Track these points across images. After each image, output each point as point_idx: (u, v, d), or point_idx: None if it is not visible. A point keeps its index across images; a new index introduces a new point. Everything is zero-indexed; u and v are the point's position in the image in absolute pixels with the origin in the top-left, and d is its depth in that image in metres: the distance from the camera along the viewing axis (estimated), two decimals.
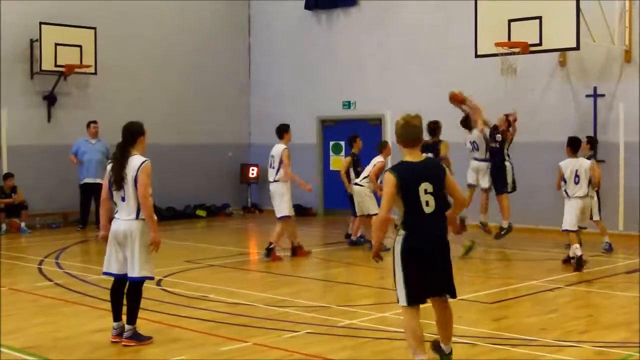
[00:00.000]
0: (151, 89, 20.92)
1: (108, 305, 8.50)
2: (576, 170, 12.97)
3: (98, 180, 17.87)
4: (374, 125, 20.40)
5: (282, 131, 14.36)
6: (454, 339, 8.03)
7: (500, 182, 15.15)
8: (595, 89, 16.83)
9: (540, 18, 15.16)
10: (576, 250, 12.55)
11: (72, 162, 18.31)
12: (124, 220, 8.01)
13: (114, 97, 19.95)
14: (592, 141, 15.14)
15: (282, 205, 13.88)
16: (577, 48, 15.18)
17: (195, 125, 21.73)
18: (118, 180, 7.96)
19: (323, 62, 21.54)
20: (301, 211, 20.93)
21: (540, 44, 15.25)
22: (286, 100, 22.21)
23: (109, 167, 8.13)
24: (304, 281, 12.08)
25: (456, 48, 18.24)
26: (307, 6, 21.71)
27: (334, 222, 19.38)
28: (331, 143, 21.58)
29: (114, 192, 8.05)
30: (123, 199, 8.01)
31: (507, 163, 15.12)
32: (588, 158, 14.56)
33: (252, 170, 22.87)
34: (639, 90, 16.32)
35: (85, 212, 18.38)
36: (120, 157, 8.01)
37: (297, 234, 14.34)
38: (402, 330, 8.18)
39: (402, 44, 19.86)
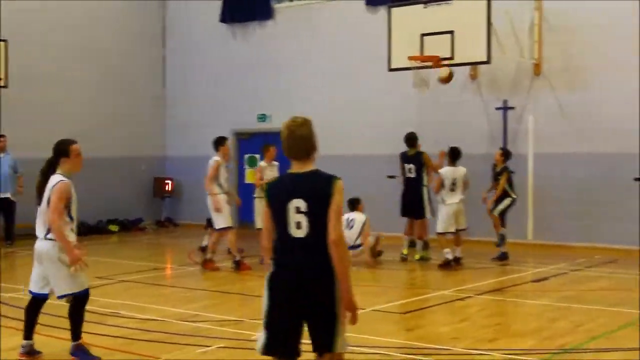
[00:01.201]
0: (64, 102, 20.52)
1: (16, 324, 8.28)
2: (454, 179, 14.27)
3: (7, 195, 17.50)
4: None
5: (217, 144, 14.37)
6: (367, 350, 8.10)
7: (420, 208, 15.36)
8: (505, 101, 17.19)
9: (452, 32, 15.42)
10: (448, 254, 13.87)
11: None
12: (38, 239, 7.94)
13: (26, 110, 19.48)
14: (506, 153, 15.42)
15: (218, 218, 14.00)
16: (488, 62, 15.48)
17: (109, 138, 21.41)
18: (38, 196, 7.92)
19: (239, 75, 21.50)
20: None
21: (452, 58, 15.51)
22: (201, 112, 22.09)
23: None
24: (217, 295, 11.99)
25: (371, 62, 18.43)
26: (223, 19, 21.65)
27: (249, 235, 19.27)
28: (246, 156, 21.51)
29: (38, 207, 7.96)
30: (38, 216, 7.94)
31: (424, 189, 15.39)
32: (501, 170, 14.93)
33: (167, 183, 22.65)
34: (548, 103, 16.74)
35: None
36: (42, 173, 7.99)
37: (217, 248, 14.34)
38: None
39: (318, 58, 19.97)
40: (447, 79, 15.75)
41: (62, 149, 8.08)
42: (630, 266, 14.17)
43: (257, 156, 20.97)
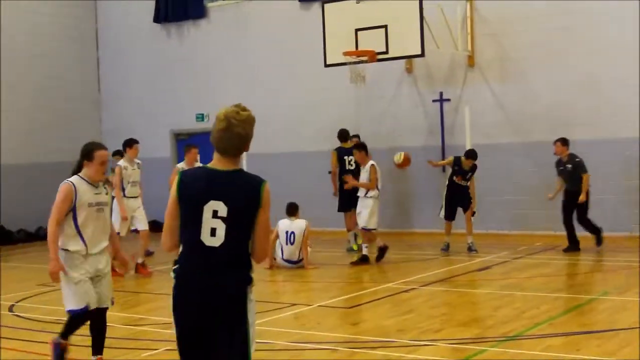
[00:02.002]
0: None
1: None
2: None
3: None
4: None
5: (124, 145, 14.56)
6: (313, 345, 8.15)
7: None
8: (441, 94, 17.38)
9: (385, 27, 15.55)
10: (365, 248, 14.00)
11: None
12: None
13: None
14: (565, 141, 15.05)
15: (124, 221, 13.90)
16: (423, 55, 15.66)
17: (46, 143, 21.11)
18: None
19: (175, 75, 21.36)
20: (159, 227, 20.67)
21: (387, 52, 15.64)
22: (138, 113, 21.90)
23: None
24: (161, 297, 11.89)
25: (307, 58, 18.48)
26: (156, 19, 21.49)
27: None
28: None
29: None
30: None
31: None
32: (576, 165, 14.90)
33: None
34: (482, 94, 16.97)
35: None
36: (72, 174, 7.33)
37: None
38: (264, 341, 8.20)
39: (253, 55, 19.94)
40: (404, 164, 14.73)
41: (86, 152, 7.27)
42: (570, 252, 14.43)
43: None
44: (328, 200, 16.66)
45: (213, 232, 4.49)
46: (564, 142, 14.53)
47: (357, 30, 15.84)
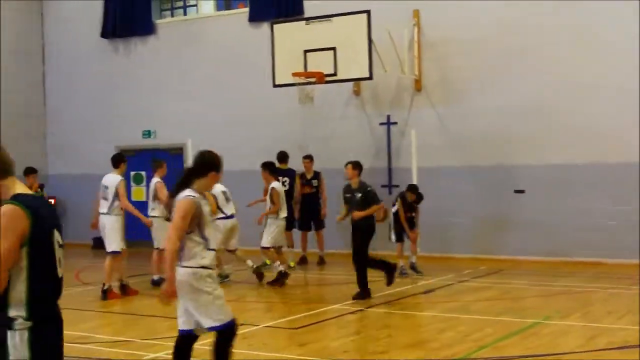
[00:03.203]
0: None
1: None
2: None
3: None
4: (175, 154, 20.25)
5: (118, 161, 13.60)
6: None
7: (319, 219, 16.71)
8: (388, 117, 17.55)
9: (334, 49, 15.67)
10: (280, 266, 13.92)
11: None
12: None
13: None
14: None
15: (113, 240, 13.17)
16: (370, 78, 15.81)
17: None
18: (168, 212, 6.88)
19: (122, 91, 21.23)
20: (101, 244, 20.42)
21: (335, 74, 15.76)
22: (85, 129, 21.71)
23: None
24: (105, 315, 11.79)
25: (255, 77, 18.51)
26: (104, 34, 21.34)
27: (136, 254, 18.99)
28: (132, 173, 21.21)
29: None
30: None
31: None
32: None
33: (49, 202, 22.05)
34: (428, 118, 17.16)
35: None
36: (177, 185, 6.80)
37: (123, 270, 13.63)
38: None
39: (201, 73, 19.94)
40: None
41: (213, 162, 6.88)
42: (514, 276, 14.62)
43: (143, 173, 20.72)
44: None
45: (60, 262, 4.30)
46: (356, 165, 12.85)
47: (306, 51, 15.95)
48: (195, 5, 21.21)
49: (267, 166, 14.34)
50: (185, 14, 21.22)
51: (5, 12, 21.64)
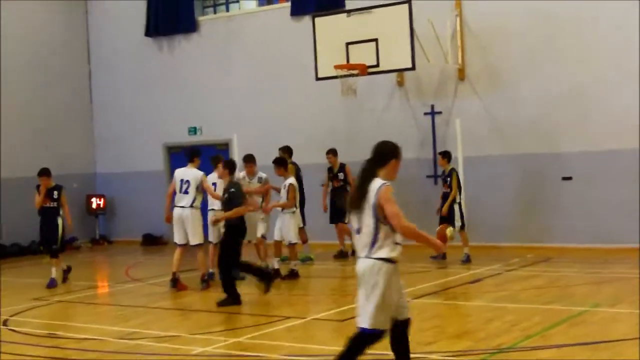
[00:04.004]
0: None
1: None
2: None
3: None
4: (221, 149, 20.37)
5: (194, 155, 13.74)
6: (306, 359, 8.19)
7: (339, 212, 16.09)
8: (432, 107, 17.46)
9: (376, 40, 15.64)
10: (275, 263, 14.04)
11: None
12: (359, 258, 6.65)
13: None
14: (447, 155, 15.65)
15: (197, 232, 13.37)
16: (413, 68, 15.75)
17: (38, 156, 21.01)
18: (353, 204, 6.61)
19: (167, 89, 21.41)
20: (152, 240, 20.73)
21: (377, 65, 15.73)
22: (131, 127, 21.94)
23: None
24: (155, 311, 11.92)
25: (297, 71, 18.57)
26: (147, 33, 21.54)
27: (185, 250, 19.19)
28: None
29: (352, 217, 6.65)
30: (358, 231, 6.64)
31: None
32: (449, 172, 15.22)
33: (99, 201, 22.39)
34: (473, 106, 17.04)
35: None
36: (363, 180, 6.66)
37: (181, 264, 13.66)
38: (256, 354, 8.27)
39: (245, 68, 20.02)
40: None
41: (394, 150, 6.94)
42: (562, 264, 14.50)
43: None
44: (319, 212, 16.82)
45: None
46: (226, 164, 12.35)
47: (347, 43, 15.94)
48: (238, 2, 21.30)
49: (282, 162, 14.09)
50: (227, 10, 21.31)
51: (51, 12, 22.00)
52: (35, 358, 8.94)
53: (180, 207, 13.35)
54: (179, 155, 21.38)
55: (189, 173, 13.45)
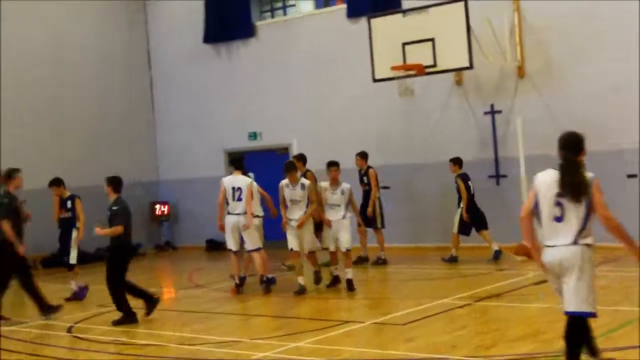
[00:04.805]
0: (54, 132, 20.53)
1: (17, 357, 8.19)
2: None
3: None
4: (281, 154, 20.43)
5: (240, 161, 13.89)
6: None
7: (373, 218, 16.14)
8: (492, 106, 17.23)
9: (433, 40, 15.52)
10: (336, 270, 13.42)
11: None
12: (558, 246, 6.79)
13: (17, 142, 19.46)
14: (457, 161, 15.89)
15: (255, 237, 13.43)
16: (471, 67, 15.59)
17: (101, 165, 21.31)
18: (575, 194, 6.80)
19: (226, 94, 21.54)
20: (216, 246, 20.84)
21: (435, 65, 15.61)
22: (192, 134, 22.12)
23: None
24: (216, 317, 11.98)
25: (355, 73, 18.51)
26: (206, 39, 21.72)
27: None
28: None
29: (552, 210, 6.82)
30: (559, 219, 6.79)
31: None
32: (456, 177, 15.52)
33: (162, 207, 22.64)
34: (534, 104, 16.78)
35: None
36: (572, 169, 6.90)
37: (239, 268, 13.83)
38: (314, 358, 8.24)
39: (302, 72, 20.04)
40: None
41: (583, 140, 7.13)
42: (631, 264, 14.11)
43: (251, 175, 20.97)
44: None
45: None
46: (110, 182, 12.25)
47: (404, 44, 15.85)
48: (294, 5, 21.35)
49: (294, 166, 13.50)
50: (284, 14, 21.38)
51: (112, 22, 22.32)
52: None
53: (236, 214, 13.36)
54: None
55: (239, 180, 13.49)
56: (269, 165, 18.92)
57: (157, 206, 22.75)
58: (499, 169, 17.14)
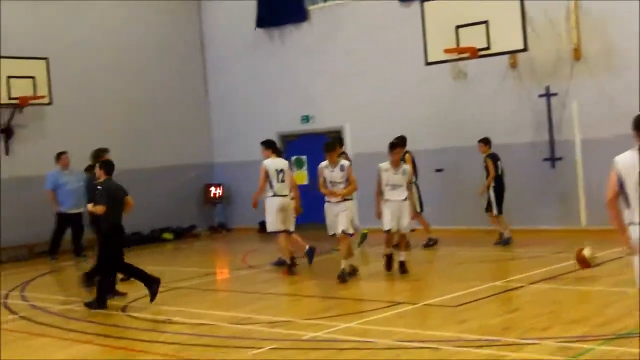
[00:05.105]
0: (108, 115, 20.83)
1: (74, 335, 8.40)
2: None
3: (81, 210, 17.77)
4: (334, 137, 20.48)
5: (275, 144, 14.59)
6: (418, 344, 8.14)
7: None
8: (547, 88, 17.01)
9: (486, 22, 15.35)
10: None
11: (51, 199, 17.89)
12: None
13: (71, 127, 19.86)
14: (487, 141, 15.90)
15: (293, 219, 14.16)
16: (525, 49, 15.38)
17: (156, 148, 21.71)
18: None
19: (279, 78, 21.60)
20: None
21: (488, 48, 15.44)
22: (246, 117, 22.24)
23: None
24: (268, 297, 12.07)
25: (407, 56, 18.40)
26: (259, 24, 21.78)
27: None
28: (293, 158, 21.57)
29: None
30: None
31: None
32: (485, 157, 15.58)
33: (217, 190, 22.86)
34: (590, 88, 16.52)
35: (58, 242, 18.19)
36: None
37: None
38: (367, 339, 8.27)
39: (355, 55, 19.97)
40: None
41: None
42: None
43: (304, 157, 21.08)
44: (435, 198, 16.68)
45: None
46: (102, 165, 12.19)
47: (457, 26, 15.69)
48: None
49: (334, 147, 13.11)
50: None
51: (165, 6, 22.49)
52: (152, 343, 9.19)
53: (284, 195, 13.82)
54: (292, 144, 21.61)
55: (279, 163, 13.99)
56: (321, 148, 18.90)
57: (212, 188, 22.96)
58: (555, 152, 16.94)
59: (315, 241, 14.64)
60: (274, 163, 13.92)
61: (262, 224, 21.36)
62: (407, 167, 13.24)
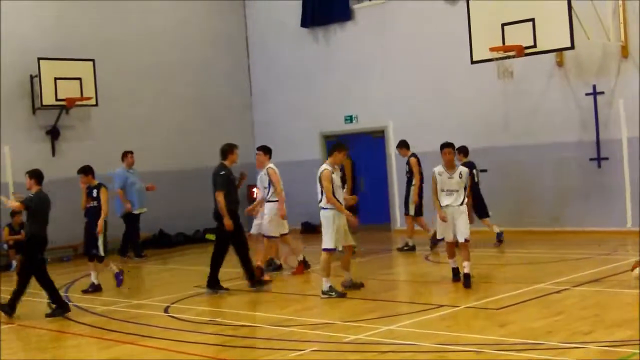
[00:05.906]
0: (153, 116, 21.03)
1: (114, 336, 8.45)
2: None
3: (144, 210, 18.06)
4: (377, 137, 20.40)
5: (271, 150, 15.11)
6: (459, 347, 8.05)
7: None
8: (594, 86, 16.78)
9: (533, 20, 15.16)
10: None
11: (122, 198, 17.94)
12: None
13: (117, 127, 20.07)
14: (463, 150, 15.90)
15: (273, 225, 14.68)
16: (572, 47, 15.15)
17: (199, 149, 21.77)
18: None
19: (323, 78, 21.59)
20: (310, 228, 20.94)
21: (535, 46, 15.25)
22: (290, 117, 22.28)
23: None
24: (309, 299, 12.04)
25: (452, 55, 18.29)
26: (303, 24, 21.80)
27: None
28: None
29: None
30: None
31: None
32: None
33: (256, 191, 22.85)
34: (637, 85, 16.25)
35: (136, 242, 18.39)
36: None
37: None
38: (409, 342, 8.20)
39: (399, 55, 19.91)
40: None
41: None
42: None
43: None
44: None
45: None
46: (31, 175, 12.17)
47: (503, 25, 15.52)
48: None
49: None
50: None
51: (210, 7, 22.60)
52: (193, 344, 9.20)
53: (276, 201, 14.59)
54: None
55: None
56: (365, 148, 18.89)
57: (254, 189, 22.94)
58: (601, 151, 16.69)
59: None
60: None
61: (304, 225, 21.51)
62: (463, 169, 12.16)
